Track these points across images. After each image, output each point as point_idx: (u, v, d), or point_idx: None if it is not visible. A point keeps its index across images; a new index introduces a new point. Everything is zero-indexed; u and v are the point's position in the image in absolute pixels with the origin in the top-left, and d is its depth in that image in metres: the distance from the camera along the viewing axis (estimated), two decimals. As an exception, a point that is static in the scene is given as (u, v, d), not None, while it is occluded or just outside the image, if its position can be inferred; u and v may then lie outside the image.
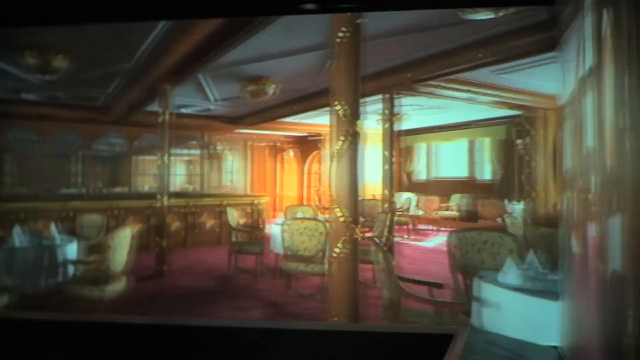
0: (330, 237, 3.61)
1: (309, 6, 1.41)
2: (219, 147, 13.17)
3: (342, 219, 3.44)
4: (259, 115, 11.13)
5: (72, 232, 6.29)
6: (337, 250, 3.47)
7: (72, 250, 5.23)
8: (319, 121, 11.31)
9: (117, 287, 4.84)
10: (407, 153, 14.52)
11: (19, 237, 5.08)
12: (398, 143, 13.96)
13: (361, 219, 10.27)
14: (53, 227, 5.52)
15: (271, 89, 7.53)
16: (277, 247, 6.54)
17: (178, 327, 1.50)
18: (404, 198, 12.40)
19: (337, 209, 3.44)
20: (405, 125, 11.65)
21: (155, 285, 6.69)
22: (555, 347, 1.97)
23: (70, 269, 5.08)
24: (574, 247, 1.85)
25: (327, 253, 4.66)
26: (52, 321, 1.71)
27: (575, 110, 1.87)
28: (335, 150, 3.44)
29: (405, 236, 11.07)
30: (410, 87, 7.59)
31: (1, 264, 4.80)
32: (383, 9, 3.43)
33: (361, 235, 8.67)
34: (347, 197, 3.44)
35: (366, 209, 10.56)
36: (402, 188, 13.85)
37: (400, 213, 11.40)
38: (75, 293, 4.72)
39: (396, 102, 7.96)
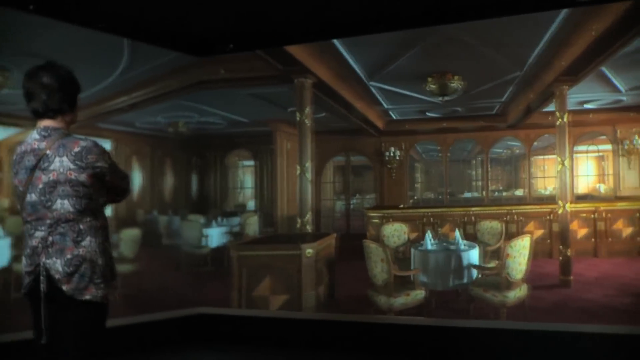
0: None
1: None
2: (638, 141, 11.83)
3: None
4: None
5: (473, 238, 7.25)
6: None
7: (474, 255, 6.09)
8: None
9: (517, 293, 5.35)
10: None
11: (430, 240, 6.37)
12: None
13: None
14: (457, 233, 6.61)
15: None
16: None
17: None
18: None
19: None
20: None
21: (559, 295, 6.76)
22: None
23: (473, 273, 5.94)
24: None
25: None
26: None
27: None
28: None
29: None
30: None
31: (418, 263, 6.14)
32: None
33: None
34: None
35: None
36: None
37: None
38: (478, 295, 5.50)
39: None
